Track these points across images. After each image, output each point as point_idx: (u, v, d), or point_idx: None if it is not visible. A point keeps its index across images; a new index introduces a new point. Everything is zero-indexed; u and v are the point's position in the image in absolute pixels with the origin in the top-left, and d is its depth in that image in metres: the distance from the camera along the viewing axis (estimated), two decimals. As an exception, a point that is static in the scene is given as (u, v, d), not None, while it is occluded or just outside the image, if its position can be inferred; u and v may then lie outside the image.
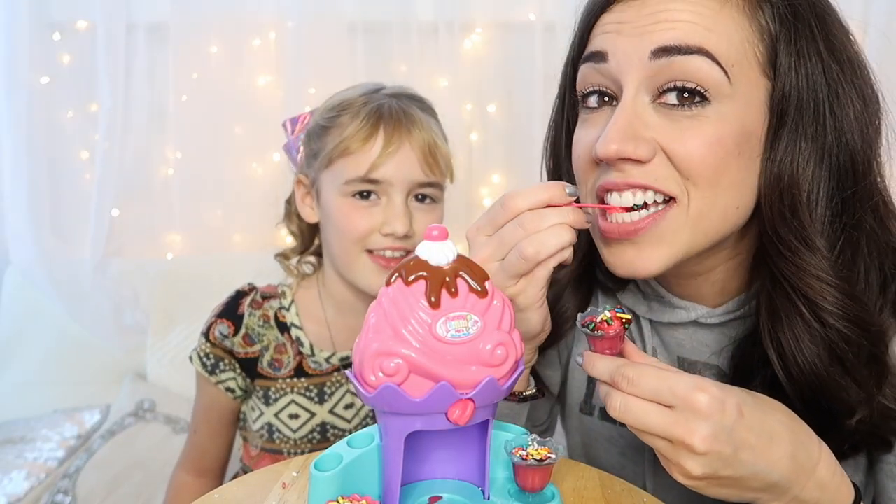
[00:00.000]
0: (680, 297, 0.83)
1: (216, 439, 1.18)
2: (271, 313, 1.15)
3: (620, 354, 0.65)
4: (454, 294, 0.54)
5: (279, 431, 1.13)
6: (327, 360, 1.14)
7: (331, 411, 1.14)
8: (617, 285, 0.89)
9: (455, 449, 0.65)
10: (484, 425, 0.61)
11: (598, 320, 0.65)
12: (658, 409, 0.60)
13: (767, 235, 0.71)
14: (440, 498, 0.64)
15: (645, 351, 0.87)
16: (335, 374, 1.14)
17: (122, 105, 1.93)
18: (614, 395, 0.62)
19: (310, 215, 1.14)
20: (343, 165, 1.05)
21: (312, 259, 1.21)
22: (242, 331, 1.12)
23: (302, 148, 1.14)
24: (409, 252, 1.06)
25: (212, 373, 1.12)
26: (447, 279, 0.55)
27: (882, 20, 1.79)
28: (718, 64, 0.66)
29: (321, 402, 1.13)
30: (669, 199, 0.70)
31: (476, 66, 1.97)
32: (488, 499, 0.63)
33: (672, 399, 0.59)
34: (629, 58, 0.68)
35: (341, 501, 0.54)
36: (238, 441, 1.23)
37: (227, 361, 1.12)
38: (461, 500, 0.63)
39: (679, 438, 0.59)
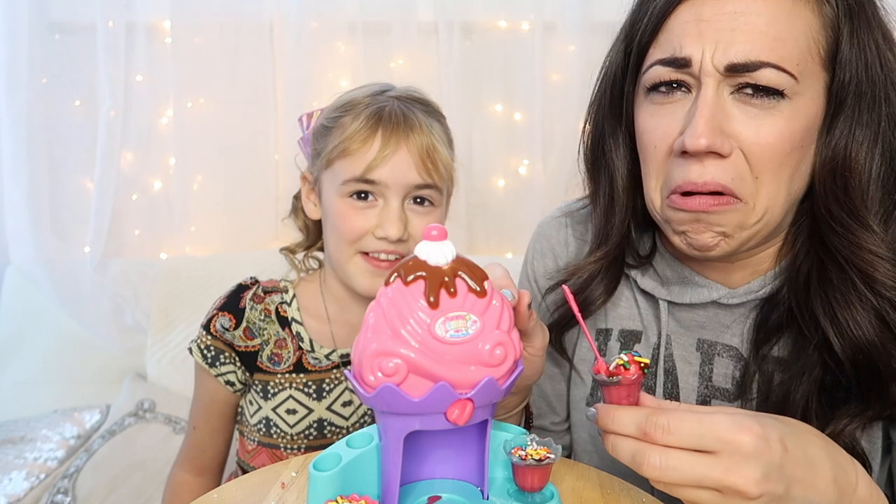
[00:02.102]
0: (705, 278, 0.85)
1: (215, 436, 1.18)
2: (272, 307, 1.15)
3: (635, 405, 0.60)
4: (453, 294, 0.54)
5: (276, 426, 1.13)
6: (327, 356, 1.13)
7: (329, 408, 1.13)
8: (642, 267, 0.90)
9: (454, 449, 0.65)
10: (483, 425, 0.61)
11: (612, 366, 0.60)
12: (703, 459, 0.55)
13: (821, 214, 0.76)
14: (439, 498, 0.64)
15: (660, 335, 0.88)
16: (334, 370, 1.14)
17: (122, 105, 1.93)
18: (650, 452, 0.56)
19: (313, 212, 1.15)
20: (341, 166, 1.05)
21: (319, 255, 1.22)
22: (243, 324, 1.12)
23: (310, 144, 1.15)
24: (403, 256, 1.04)
25: (212, 365, 1.11)
26: (446, 279, 0.54)
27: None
28: (787, 72, 0.70)
29: (319, 398, 1.13)
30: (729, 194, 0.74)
31: (476, 66, 1.97)
32: (487, 499, 0.63)
33: (715, 444, 0.55)
34: (708, 64, 0.72)
35: (340, 501, 0.54)
36: (234, 435, 1.23)
37: (227, 354, 1.11)
38: (460, 500, 0.63)
39: (732, 486, 0.55)
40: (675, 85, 0.75)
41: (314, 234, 1.20)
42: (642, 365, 0.60)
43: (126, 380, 1.90)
